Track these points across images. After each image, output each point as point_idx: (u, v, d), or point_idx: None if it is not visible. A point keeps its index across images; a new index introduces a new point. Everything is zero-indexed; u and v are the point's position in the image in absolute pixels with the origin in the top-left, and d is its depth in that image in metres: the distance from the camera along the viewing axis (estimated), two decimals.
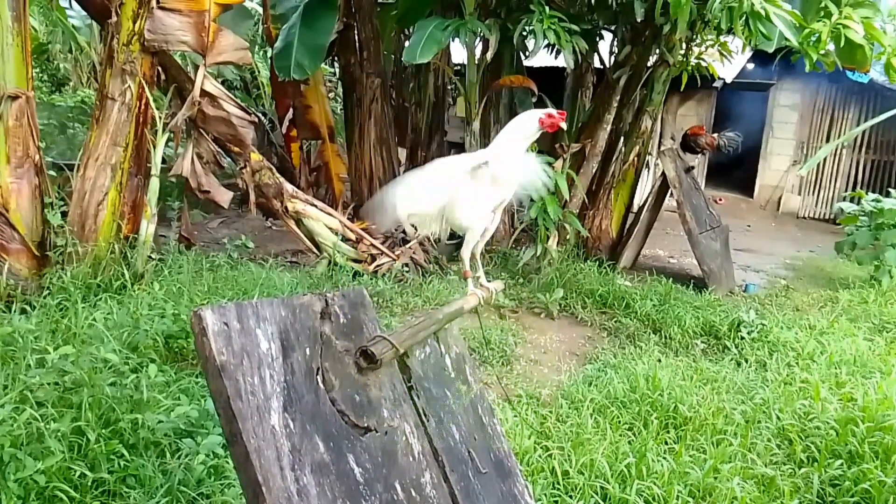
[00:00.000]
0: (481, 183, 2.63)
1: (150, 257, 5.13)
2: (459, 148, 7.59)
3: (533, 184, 2.75)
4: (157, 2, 4.96)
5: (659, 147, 10.58)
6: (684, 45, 6.95)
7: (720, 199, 12.14)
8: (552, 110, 2.66)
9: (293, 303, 1.66)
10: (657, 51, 6.96)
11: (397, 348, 1.82)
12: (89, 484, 2.61)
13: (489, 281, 2.98)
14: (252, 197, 5.92)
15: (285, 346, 1.56)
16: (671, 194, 7.12)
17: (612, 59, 7.31)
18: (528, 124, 2.68)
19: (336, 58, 8.37)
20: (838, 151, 11.67)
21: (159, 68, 5.40)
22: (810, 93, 11.75)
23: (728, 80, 10.53)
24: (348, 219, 6.81)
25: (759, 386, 4.21)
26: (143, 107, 5.13)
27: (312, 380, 1.61)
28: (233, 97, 5.63)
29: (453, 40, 7.33)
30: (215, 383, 1.42)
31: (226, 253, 5.92)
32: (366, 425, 1.67)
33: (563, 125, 2.69)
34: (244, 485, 1.39)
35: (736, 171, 12.63)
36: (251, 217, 7.78)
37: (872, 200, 7.23)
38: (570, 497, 2.90)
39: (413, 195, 2.55)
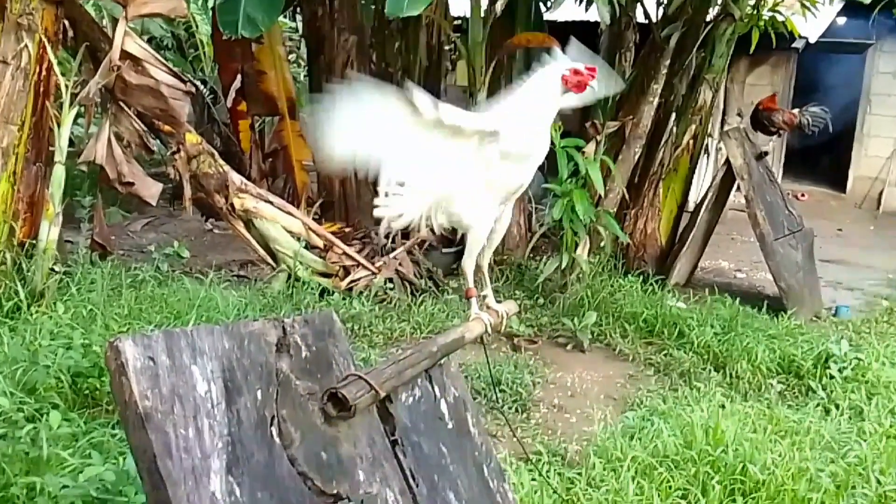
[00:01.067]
0: (487, 162, 2.62)
1: (52, 270, 5.11)
2: None
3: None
4: None
5: (722, 127, 10.62)
6: None
7: (802, 195, 12.18)
8: (579, 65, 2.65)
9: (240, 331, 1.67)
10: (719, 0, 6.98)
11: (377, 391, 1.82)
12: None
13: (499, 301, 2.99)
14: (187, 191, 5.92)
15: (230, 388, 1.57)
16: (738, 188, 7.12)
17: (661, 11, 7.35)
18: (548, 83, 2.68)
19: (298, 9, 8.40)
20: None
21: (66, 22, 5.40)
22: None
23: (812, 40, 10.58)
24: (314, 219, 6.81)
25: (854, 440, 4.20)
26: (44, 73, 5.13)
27: (265, 432, 1.61)
28: (163, 60, 5.63)
29: None
30: (138, 437, 1.42)
31: (152, 264, 5.89)
32: (335, 492, 1.67)
33: (594, 85, 2.68)
34: None
35: (823, 158, 12.66)
36: (186, 217, 7.77)
37: None
38: None
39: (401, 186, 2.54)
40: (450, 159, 2.56)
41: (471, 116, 2.58)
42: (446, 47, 9.15)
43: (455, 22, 9.14)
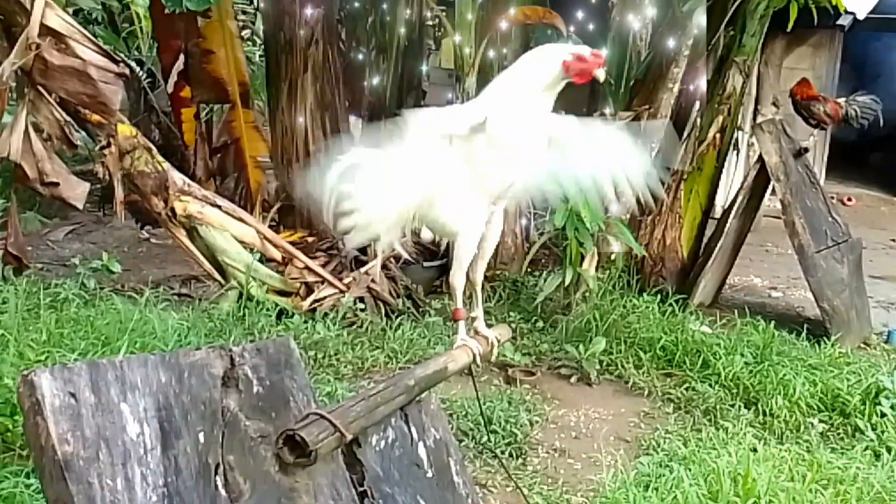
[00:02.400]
0: (472, 154, 2.65)
1: None
2: None
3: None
4: None
5: (754, 118, 10.69)
6: None
7: (849, 199, 12.27)
8: (583, 49, 2.68)
9: (180, 361, 1.67)
10: None
11: (342, 432, 1.82)
12: None
13: (490, 325, 3.00)
14: (119, 193, 5.91)
15: (166, 430, 1.56)
16: (773, 191, 7.16)
17: None
18: (545, 67, 2.71)
19: None
20: None
21: None
22: None
23: (861, 16, 10.65)
24: (271, 227, 6.80)
25: None
26: None
27: (209, 483, 1.60)
28: (91, 37, 5.63)
29: None
30: (56, 488, 1.41)
31: (77, 280, 5.87)
32: None
33: (601, 74, 2.72)
34: None
35: (873, 155, 12.75)
36: (118, 224, 7.74)
37: None
38: None
39: (367, 202, 2.58)
40: (435, 158, 2.61)
41: (461, 116, 2.62)
42: (429, 23, 9.18)
43: None
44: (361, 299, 6.23)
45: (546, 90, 2.70)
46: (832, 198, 7.86)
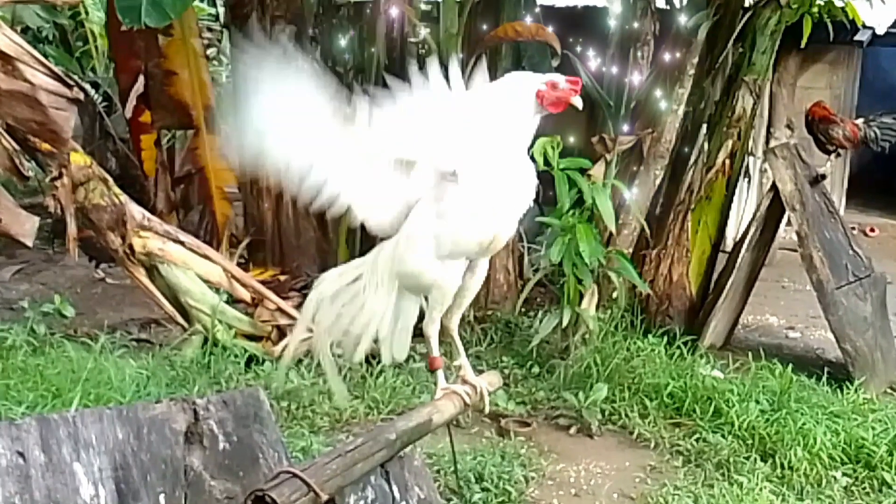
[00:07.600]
0: (446, 211, 2.66)
1: None
2: None
3: None
4: None
5: (767, 142, 10.75)
6: None
7: (872, 230, 12.32)
8: (557, 77, 2.70)
9: (139, 415, 1.67)
10: None
11: (317, 492, 1.82)
12: None
13: (479, 372, 3.01)
14: (72, 228, 5.90)
15: (123, 492, 1.56)
16: (788, 222, 7.19)
17: None
18: (517, 97, 2.73)
19: None
20: None
21: None
22: None
23: (880, 31, 10.80)
24: (239, 264, 6.80)
25: None
26: None
27: None
28: (41, 58, 5.64)
29: None
30: None
31: (25, 325, 5.85)
32: None
33: (578, 102, 2.73)
34: None
35: None
36: (70, 263, 7.72)
37: None
38: None
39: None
40: (394, 191, 2.63)
41: (425, 145, 2.62)
42: (412, 40, 9.23)
43: (423, 7, 9.25)
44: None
45: (522, 125, 2.72)
46: (853, 228, 7.88)
